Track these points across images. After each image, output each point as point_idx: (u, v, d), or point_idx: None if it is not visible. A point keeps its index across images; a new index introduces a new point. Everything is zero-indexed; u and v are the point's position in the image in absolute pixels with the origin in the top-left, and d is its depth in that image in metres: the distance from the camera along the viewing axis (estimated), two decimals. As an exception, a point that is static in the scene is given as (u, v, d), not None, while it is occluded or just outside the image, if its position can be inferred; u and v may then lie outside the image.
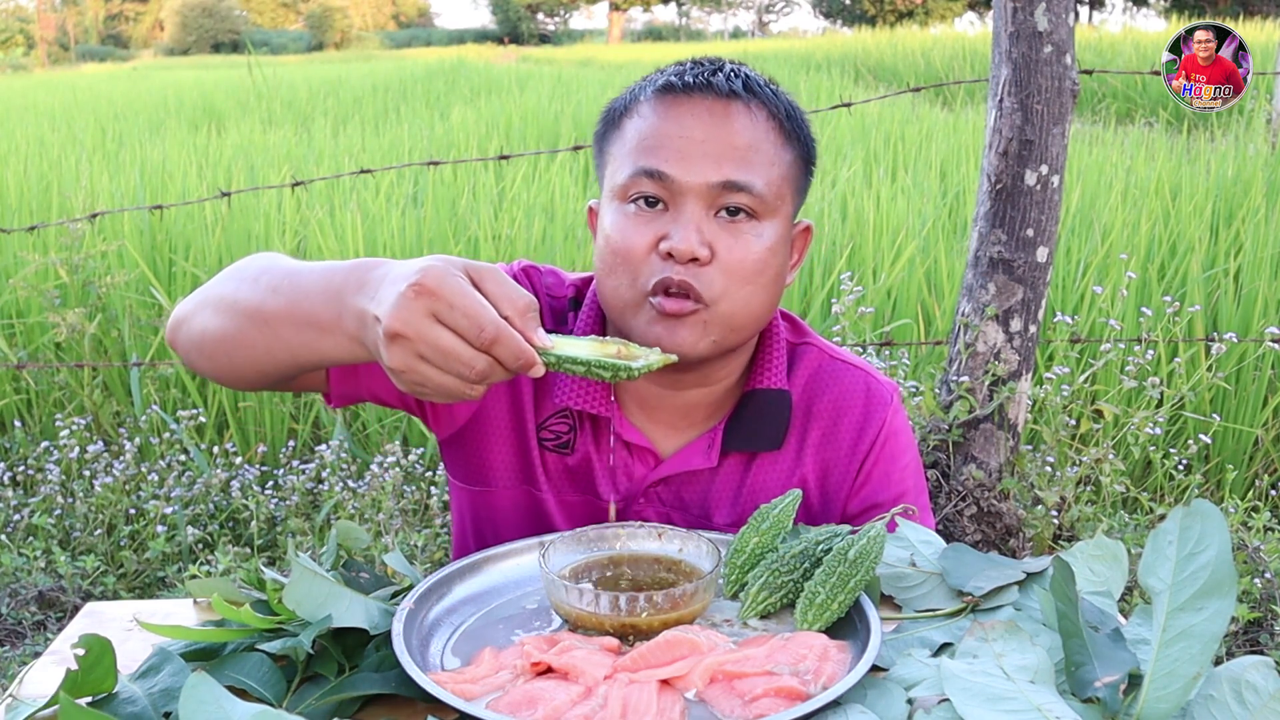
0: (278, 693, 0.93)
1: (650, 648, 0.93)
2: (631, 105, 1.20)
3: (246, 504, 3.06)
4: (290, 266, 1.06)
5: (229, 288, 1.09)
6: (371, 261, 0.97)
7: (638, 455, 1.28)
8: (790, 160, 1.19)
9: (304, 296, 1.00)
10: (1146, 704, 0.80)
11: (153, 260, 4.13)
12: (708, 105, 1.16)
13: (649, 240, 1.15)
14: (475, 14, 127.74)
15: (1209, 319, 3.67)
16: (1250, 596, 2.59)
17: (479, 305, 0.89)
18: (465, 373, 0.89)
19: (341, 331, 0.97)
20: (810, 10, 58.22)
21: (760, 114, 1.17)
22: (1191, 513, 0.85)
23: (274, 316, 1.03)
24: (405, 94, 11.55)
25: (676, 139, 1.14)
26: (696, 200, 1.14)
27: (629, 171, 1.16)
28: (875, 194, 4.66)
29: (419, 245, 4.11)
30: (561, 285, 1.33)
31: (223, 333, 1.08)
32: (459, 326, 0.88)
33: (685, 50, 23.86)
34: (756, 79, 1.20)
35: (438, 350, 0.88)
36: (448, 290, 0.88)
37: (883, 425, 1.30)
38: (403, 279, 0.89)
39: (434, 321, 0.88)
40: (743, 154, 1.15)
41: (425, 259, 0.92)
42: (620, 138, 1.20)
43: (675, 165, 1.14)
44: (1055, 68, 2.42)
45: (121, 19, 67.88)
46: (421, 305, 0.87)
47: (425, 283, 0.88)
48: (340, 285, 0.97)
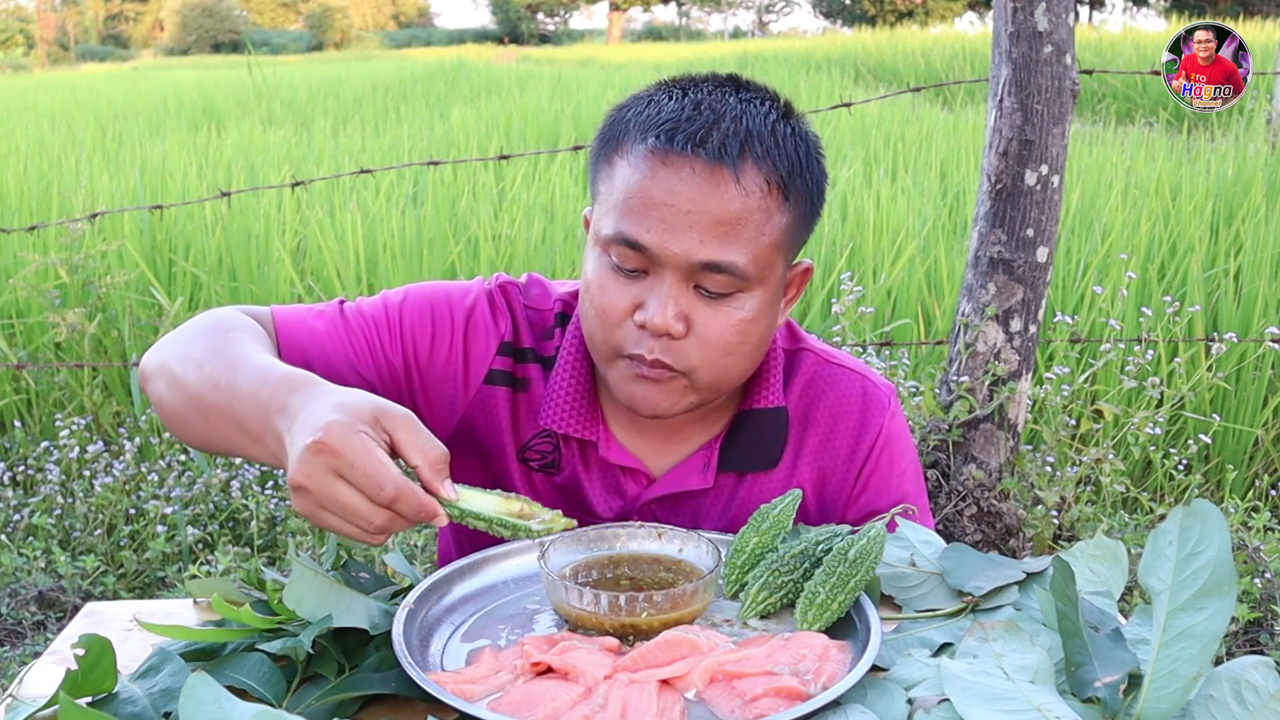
0: (278, 693, 0.92)
1: (650, 648, 0.93)
2: (625, 141, 1.13)
3: (246, 504, 3.06)
4: (236, 357, 1.07)
5: (181, 363, 1.10)
6: (297, 380, 1.01)
7: (628, 475, 1.26)
8: (786, 224, 1.13)
9: (237, 400, 1.03)
10: (1146, 704, 0.80)
11: (153, 260, 4.13)
12: (698, 170, 1.08)
13: (626, 305, 1.12)
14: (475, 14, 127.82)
15: (1209, 319, 3.67)
16: (1250, 596, 2.59)
17: (379, 465, 0.91)
18: (365, 525, 0.92)
19: (264, 445, 1.00)
20: (810, 10, 58.24)
21: (755, 180, 1.10)
22: (1191, 513, 0.85)
23: (212, 411, 1.06)
24: (405, 94, 11.55)
25: (660, 206, 1.09)
26: (675, 273, 1.10)
27: (611, 230, 1.11)
28: (875, 194, 4.66)
29: (419, 245, 4.11)
30: (546, 298, 1.30)
31: (173, 410, 1.11)
32: (359, 484, 0.91)
33: (685, 51, 23.85)
34: (762, 132, 1.11)
35: (337, 504, 0.91)
36: (348, 449, 0.90)
37: (880, 431, 1.28)
38: (310, 429, 0.92)
39: (335, 477, 0.91)
40: (728, 229, 1.09)
41: (334, 407, 0.93)
42: (610, 175, 1.14)
43: (655, 237, 1.09)
44: (1055, 68, 2.42)
45: (121, 19, 67.89)
46: (322, 462, 0.90)
47: (327, 441, 0.90)
48: (266, 401, 1.00)
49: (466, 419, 1.27)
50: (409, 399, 1.24)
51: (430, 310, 1.25)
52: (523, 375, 1.27)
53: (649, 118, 1.12)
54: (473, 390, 1.25)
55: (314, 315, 1.24)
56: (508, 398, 1.26)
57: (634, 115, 1.14)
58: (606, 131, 1.17)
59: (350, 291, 3.88)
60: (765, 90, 1.18)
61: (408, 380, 1.24)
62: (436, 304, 1.26)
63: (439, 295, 1.27)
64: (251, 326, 1.17)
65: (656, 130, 1.10)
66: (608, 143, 1.16)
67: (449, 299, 1.26)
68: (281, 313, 1.24)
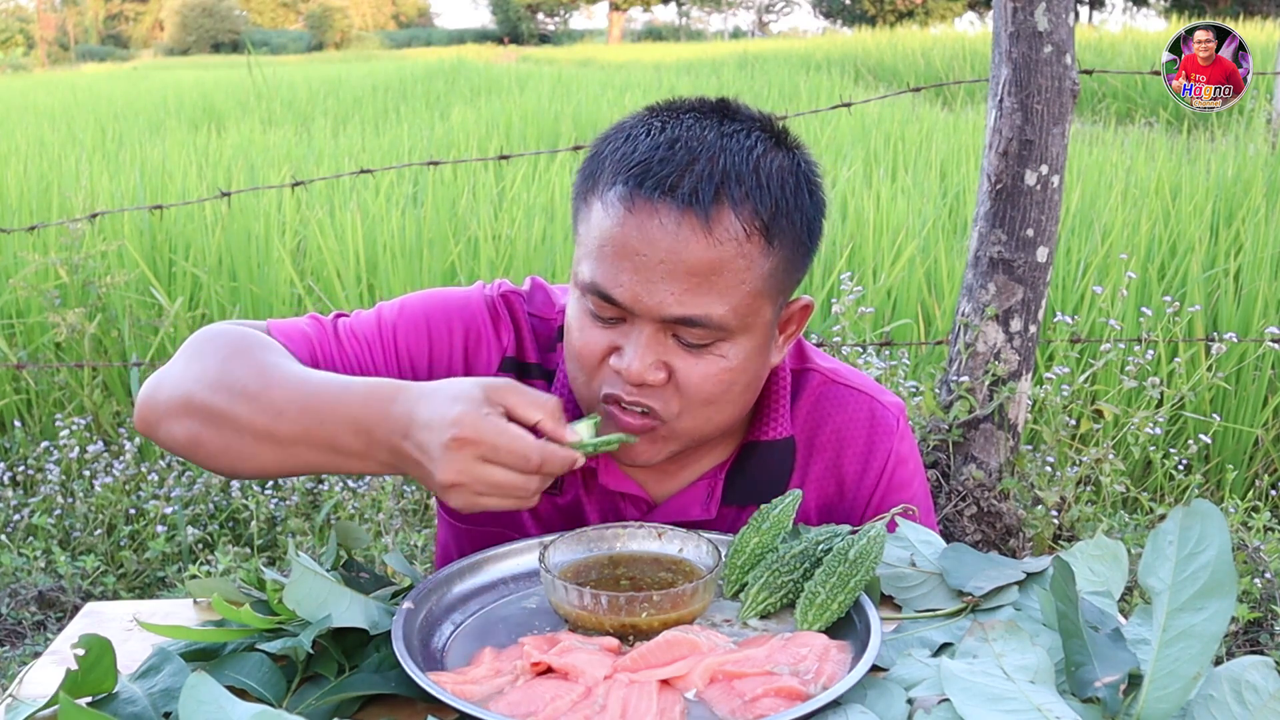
0: (278, 693, 0.93)
1: (650, 648, 0.93)
2: (600, 181, 1.08)
3: (246, 504, 3.06)
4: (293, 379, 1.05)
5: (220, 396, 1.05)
6: (387, 389, 1.01)
7: (628, 500, 1.23)
8: (771, 268, 1.06)
9: (319, 424, 1.02)
10: (1146, 704, 0.80)
11: (153, 260, 4.13)
12: (670, 217, 1.02)
13: (603, 349, 1.09)
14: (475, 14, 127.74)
15: (1209, 319, 3.67)
16: (1250, 596, 2.59)
17: (518, 439, 0.95)
18: (524, 496, 0.98)
19: (373, 459, 1.01)
20: (810, 10, 58.24)
21: (732, 226, 1.03)
22: (1191, 513, 0.85)
23: (288, 440, 1.03)
24: (405, 94, 11.55)
25: (633, 256, 1.03)
26: (652, 324, 1.05)
27: (586, 278, 1.07)
28: (875, 194, 4.66)
29: (419, 245, 4.11)
30: (550, 306, 1.25)
31: (222, 447, 1.06)
32: (507, 463, 0.95)
33: (685, 51, 23.82)
34: (743, 171, 1.04)
35: (494, 486, 0.96)
36: (488, 434, 0.94)
37: (889, 455, 1.25)
38: (439, 427, 0.95)
39: (484, 464, 0.95)
40: (702, 280, 1.03)
41: (452, 401, 0.96)
42: (587, 215, 1.09)
43: (627, 291, 1.04)
44: (1055, 68, 2.42)
45: (121, 19, 67.88)
46: (468, 454, 0.94)
47: (464, 435, 0.94)
48: (361, 417, 1.00)
49: None
50: None
51: (426, 323, 1.21)
52: None
53: (624, 157, 1.06)
54: None
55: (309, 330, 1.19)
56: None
57: (610, 151, 1.09)
58: (586, 167, 1.12)
59: (350, 292, 3.88)
60: (754, 119, 1.10)
61: None
62: (432, 316, 1.21)
63: (435, 309, 1.22)
64: (271, 343, 1.12)
65: (627, 174, 1.05)
66: (586, 179, 1.11)
67: (446, 313, 1.22)
68: (279, 328, 1.18)
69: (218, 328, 1.15)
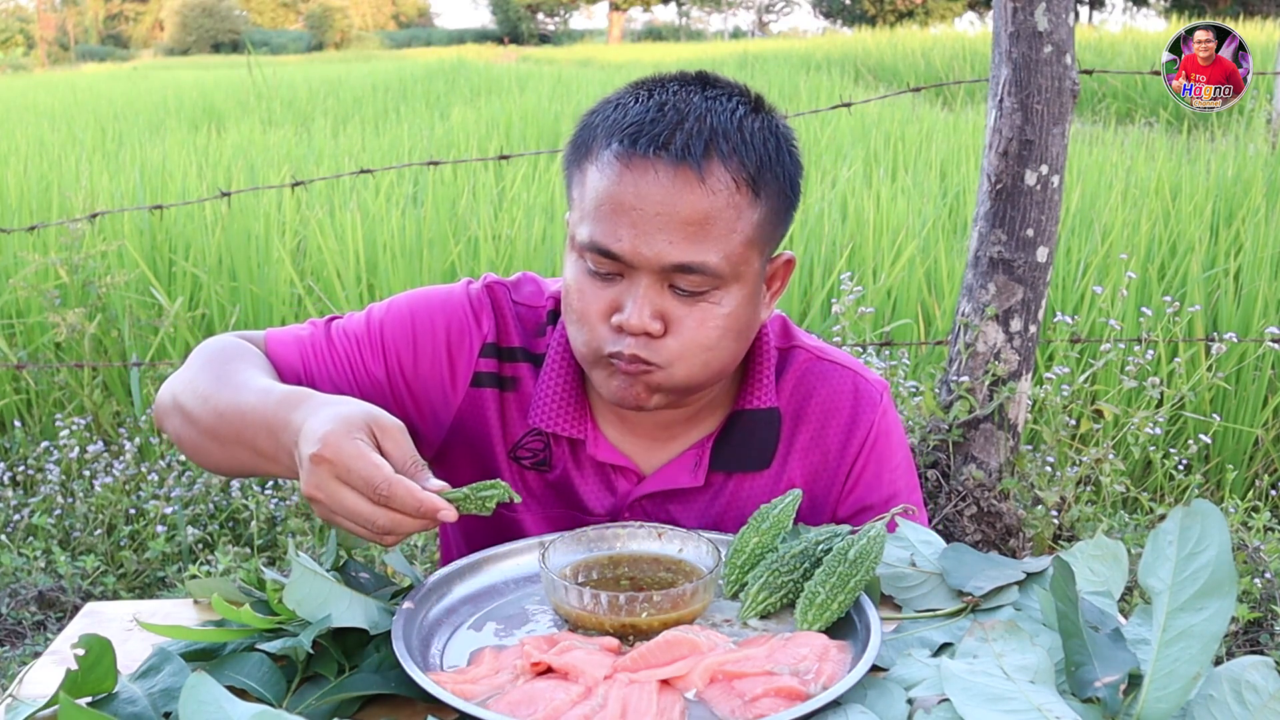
0: (278, 693, 0.93)
1: (650, 648, 0.93)
2: (593, 147, 1.15)
3: (246, 504, 3.06)
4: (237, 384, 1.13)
5: (190, 398, 1.17)
6: (294, 398, 1.07)
7: (619, 473, 1.27)
8: (759, 219, 1.13)
9: (245, 425, 1.10)
10: (1146, 704, 0.80)
11: (153, 260, 4.13)
12: (664, 171, 1.09)
13: (603, 307, 1.14)
14: (475, 14, 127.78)
15: (1209, 319, 3.67)
16: (1250, 596, 2.59)
17: (372, 466, 0.96)
18: (369, 526, 0.97)
19: (280, 462, 1.07)
20: (810, 10, 58.24)
21: (722, 178, 1.10)
22: (1191, 513, 0.85)
23: (226, 440, 1.13)
24: (405, 94, 11.55)
25: (630, 211, 1.10)
26: (649, 275, 1.11)
27: (585, 237, 1.13)
28: (875, 194, 4.66)
29: (419, 245, 4.11)
30: (539, 295, 1.31)
31: (191, 444, 1.18)
32: (357, 487, 0.96)
33: (685, 51, 23.85)
34: (728, 129, 1.11)
35: (344, 509, 0.97)
36: (344, 456, 0.96)
37: (871, 426, 1.28)
38: (309, 441, 0.98)
39: (339, 484, 0.97)
40: (697, 229, 1.10)
41: (329, 419, 0.99)
42: (582, 181, 1.15)
43: (627, 244, 1.10)
44: (1055, 68, 2.42)
45: (121, 19, 67.87)
46: (324, 470, 0.97)
47: (324, 452, 0.97)
48: (271, 421, 1.07)
49: (458, 423, 1.28)
50: (399, 409, 1.25)
51: (411, 319, 1.27)
52: (511, 374, 1.28)
53: (615, 122, 1.13)
54: (460, 394, 1.27)
55: (303, 337, 1.27)
56: (495, 399, 1.27)
57: (601, 120, 1.15)
58: (577, 137, 1.18)
59: (350, 292, 3.88)
60: (734, 86, 1.18)
61: (394, 391, 1.26)
62: (417, 312, 1.28)
63: (419, 304, 1.29)
64: (250, 352, 1.22)
65: (621, 134, 1.11)
66: (578, 148, 1.17)
67: (429, 306, 1.28)
68: (274, 336, 1.28)
69: (217, 339, 1.25)
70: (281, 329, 1.29)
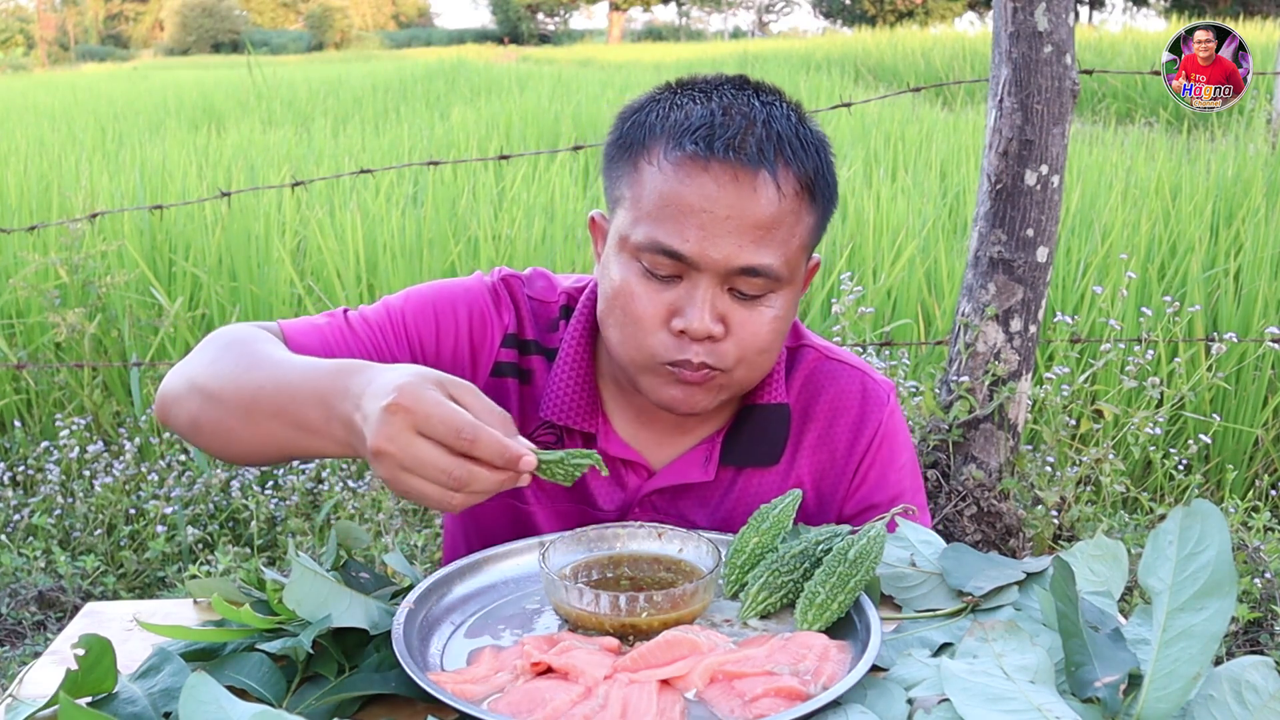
0: (278, 693, 0.92)
1: (650, 648, 0.93)
2: (652, 146, 1.13)
3: (246, 504, 3.06)
4: (274, 361, 1.08)
5: (214, 379, 1.10)
6: (352, 366, 1.01)
7: (629, 468, 1.27)
8: (812, 224, 1.16)
9: (290, 399, 1.03)
10: (1146, 704, 0.80)
11: (153, 260, 4.13)
12: (734, 174, 1.09)
13: (662, 312, 1.13)
14: (475, 14, 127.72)
15: (1209, 319, 3.67)
16: (1250, 596, 2.59)
17: (455, 412, 0.92)
18: (443, 480, 0.91)
19: (330, 436, 1.00)
20: (810, 10, 58.23)
21: (789, 183, 1.11)
22: (1191, 513, 0.85)
23: (262, 417, 1.05)
24: (405, 94, 11.55)
25: (699, 213, 1.09)
26: (712, 277, 1.11)
27: (644, 238, 1.12)
28: (875, 194, 4.66)
29: (419, 245, 4.11)
30: (552, 290, 1.31)
31: (214, 426, 1.10)
32: (438, 435, 0.91)
33: (685, 51, 23.81)
34: (789, 135, 1.12)
35: (417, 461, 0.91)
36: (423, 405, 0.91)
37: (879, 426, 1.29)
38: (382, 394, 0.93)
39: (414, 434, 0.91)
40: (764, 232, 1.10)
41: (402, 374, 0.94)
42: (636, 180, 1.14)
43: (694, 245, 1.10)
44: (1055, 68, 2.42)
45: (121, 19, 67.86)
46: (400, 420, 0.91)
47: (401, 401, 0.91)
48: (325, 391, 1.00)
49: None
50: None
51: (433, 308, 1.26)
52: (528, 367, 1.28)
53: (676, 122, 1.12)
54: (481, 383, 1.26)
55: (321, 324, 1.25)
56: (516, 390, 1.27)
57: (658, 119, 1.14)
58: (626, 137, 1.17)
59: (350, 291, 3.88)
60: (779, 92, 1.19)
61: None
62: (439, 301, 1.27)
63: (441, 293, 1.28)
64: (271, 337, 1.17)
65: (691, 135, 1.10)
66: (628, 147, 1.16)
67: (451, 295, 1.28)
68: (290, 325, 1.24)
69: (230, 327, 1.20)
70: (294, 319, 1.25)
